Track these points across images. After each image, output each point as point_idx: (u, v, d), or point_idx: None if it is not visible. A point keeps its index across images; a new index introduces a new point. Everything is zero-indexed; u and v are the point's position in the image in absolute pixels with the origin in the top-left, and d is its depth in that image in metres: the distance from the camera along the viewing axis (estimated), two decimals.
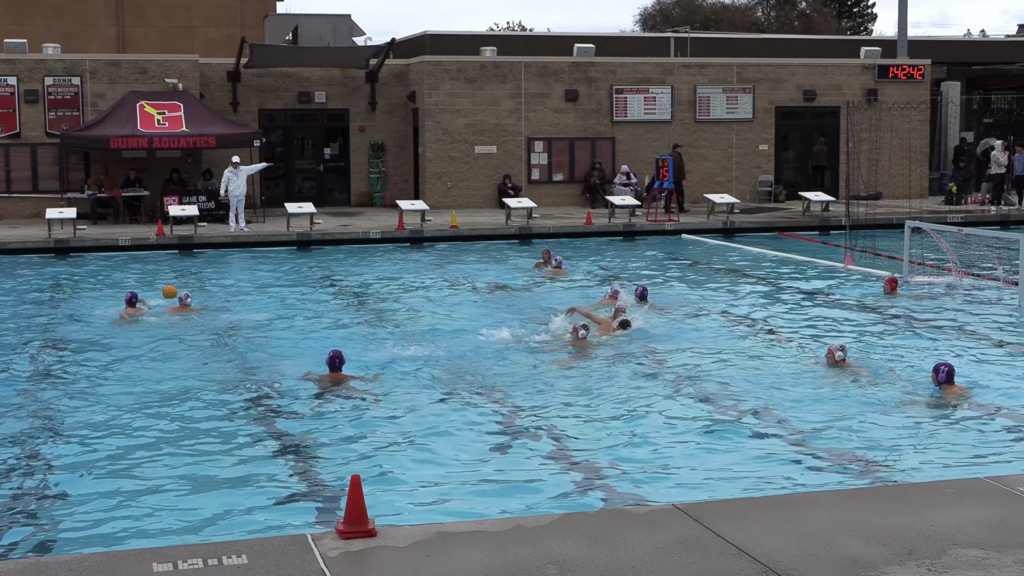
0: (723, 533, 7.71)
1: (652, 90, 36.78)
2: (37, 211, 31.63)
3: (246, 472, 10.96)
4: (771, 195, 37.45)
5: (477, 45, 38.51)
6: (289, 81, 35.91)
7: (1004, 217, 32.74)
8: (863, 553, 7.36)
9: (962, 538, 7.60)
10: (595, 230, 30.97)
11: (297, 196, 35.00)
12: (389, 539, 7.69)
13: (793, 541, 7.58)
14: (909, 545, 7.49)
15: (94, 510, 9.97)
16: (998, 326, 17.80)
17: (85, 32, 46.30)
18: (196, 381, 14.61)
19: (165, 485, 10.56)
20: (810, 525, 7.89)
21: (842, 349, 14.89)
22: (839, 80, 38.22)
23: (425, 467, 11.01)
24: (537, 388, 14.04)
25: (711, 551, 7.43)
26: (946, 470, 10.61)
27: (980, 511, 8.13)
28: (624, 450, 11.50)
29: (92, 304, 20.55)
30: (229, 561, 7.26)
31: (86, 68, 33.54)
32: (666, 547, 7.49)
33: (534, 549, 7.46)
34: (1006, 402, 13.20)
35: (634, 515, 8.38)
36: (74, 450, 11.75)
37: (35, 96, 33.01)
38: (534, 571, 7.11)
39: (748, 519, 8.03)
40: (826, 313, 19.32)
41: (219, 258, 27.38)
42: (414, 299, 21.21)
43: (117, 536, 9.33)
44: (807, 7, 71.71)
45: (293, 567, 7.20)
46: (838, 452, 11.37)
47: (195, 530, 9.42)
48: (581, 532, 7.81)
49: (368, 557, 7.38)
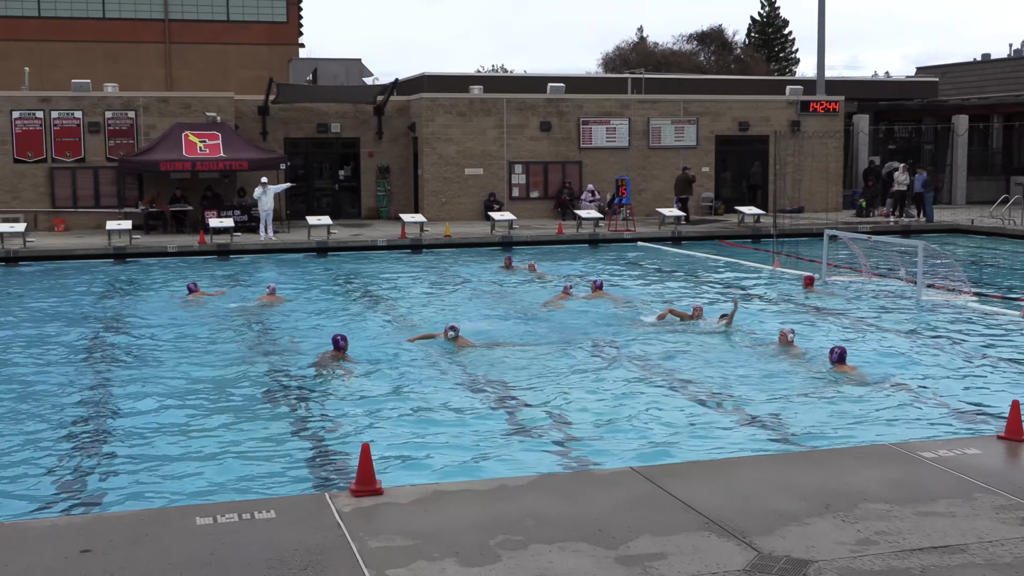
0: (672, 491, 7.71)
1: (613, 122, 36.76)
2: (98, 223, 31.51)
3: (274, 440, 10.92)
4: (712, 209, 37.47)
5: (466, 84, 38.47)
6: (309, 114, 35.80)
7: (905, 227, 32.83)
8: (788, 507, 7.37)
9: (870, 494, 7.62)
10: (565, 238, 30.95)
11: (316, 210, 34.88)
12: (394, 497, 7.67)
13: (730, 497, 7.58)
14: (826, 500, 7.50)
15: (146, 472, 9.93)
16: (900, 318, 17.85)
17: (138, 73, 46.06)
18: (234, 363, 14.56)
19: (205, 451, 10.52)
20: (744, 484, 7.89)
21: (792, 332, 14.98)
22: (768, 113, 38.27)
23: (425, 436, 10.99)
24: (518, 368, 14.03)
25: (663, 506, 7.43)
26: (856, 436, 10.63)
27: (886, 471, 8.15)
28: (590, 420, 11.50)
29: (154, 295, 20.56)
30: (260, 516, 7.24)
31: (140, 104, 33.38)
32: (625, 503, 7.49)
33: (515, 505, 7.45)
34: (903, 378, 13.22)
35: (598, 476, 8.38)
36: (127, 420, 11.69)
37: (97, 127, 32.85)
38: (515, 523, 7.10)
39: (694, 479, 8.03)
40: (757, 305, 19.36)
41: (252, 262, 27.28)
42: (414, 294, 21.19)
43: (165, 494, 9.29)
44: (741, 52, 71.76)
45: (314, 520, 7.18)
46: (767, 421, 11.38)
47: (231, 489, 9.39)
48: (554, 490, 7.80)
49: (376, 512, 7.37)
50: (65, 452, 10.64)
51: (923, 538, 6.81)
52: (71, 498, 9.28)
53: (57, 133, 32.65)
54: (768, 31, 78.68)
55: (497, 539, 6.81)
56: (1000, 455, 8.59)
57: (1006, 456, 8.58)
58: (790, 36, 79.35)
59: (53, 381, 13.71)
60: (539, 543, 6.75)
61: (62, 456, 10.50)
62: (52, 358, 15.26)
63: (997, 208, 34.49)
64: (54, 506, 9.06)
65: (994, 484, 7.80)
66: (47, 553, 6.64)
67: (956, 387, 12.93)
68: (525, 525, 7.06)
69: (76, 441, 11.05)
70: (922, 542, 6.75)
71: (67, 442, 11.00)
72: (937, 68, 52.43)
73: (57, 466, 10.17)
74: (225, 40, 48.07)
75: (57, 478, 9.83)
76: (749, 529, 6.96)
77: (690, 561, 6.46)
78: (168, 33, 47.39)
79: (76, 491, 9.48)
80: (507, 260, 25.09)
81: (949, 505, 7.39)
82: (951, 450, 8.66)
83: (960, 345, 15.46)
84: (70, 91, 33.59)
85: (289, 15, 49.28)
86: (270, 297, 19.80)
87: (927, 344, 15.55)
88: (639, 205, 35.50)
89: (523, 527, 7.02)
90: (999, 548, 6.65)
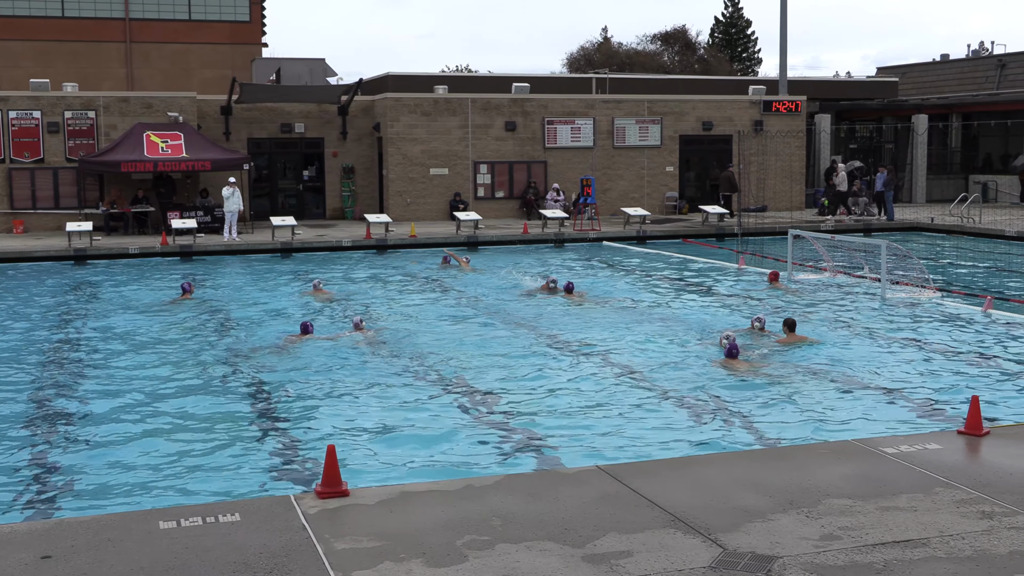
0: (638, 489, 7.73)
1: (577, 121, 36.83)
2: (58, 225, 31.20)
3: (238, 442, 10.85)
4: (676, 208, 37.62)
5: (431, 84, 38.40)
6: (273, 114, 35.60)
7: (867, 225, 33.11)
8: (753, 503, 7.41)
9: (834, 490, 7.68)
10: (531, 238, 30.95)
11: (280, 211, 34.66)
12: (360, 498, 7.64)
13: (696, 494, 7.62)
14: (791, 496, 7.55)
15: (107, 476, 9.83)
16: (864, 314, 17.99)
17: (99, 73, 45.64)
18: (197, 364, 14.45)
19: (168, 454, 10.43)
20: (710, 481, 7.93)
21: (759, 320, 15.13)
22: (731, 113, 38.48)
23: (392, 437, 10.96)
24: (486, 368, 14.02)
25: (628, 504, 7.45)
26: (820, 433, 10.70)
27: (849, 467, 8.21)
28: (557, 420, 11.51)
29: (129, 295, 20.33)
30: (224, 519, 7.19)
31: (100, 104, 33.04)
32: (591, 501, 7.50)
33: (482, 505, 7.45)
34: (866, 374, 13.34)
35: (564, 475, 8.39)
36: (89, 423, 11.57)
37: (56, 127, 32.49)
38: (482, 523, 7.10)
39: (659, 477, 8.06)
40: (723, 301, 19.46)
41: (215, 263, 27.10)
42: (378, 294, 21.11)
43: (128, 499, 9.20)
44: (705, 53, 72.09)
45: (279, 522, 7.14)
46: (733, 419, 11.43)
47: (194, 492, 9.31)
48: (520, 490, 7.80)
49: (342, 513, 7.34)
50: (24, 457, 10.52)
51: (885, 532, 6.87)
52: (31, 504, 9.17)
53: (15, 133, 32.24)
54: (731, 31, 79.14)
55: (464, 539, 6.80)
56: (960, 450, 8.69)
57: (966, 451, 8.68)
58: (753, 36, 79.87)
59: (10, 385, 13.55)
60: (506, 543, 6.75)
61: (21, 462, 10.37)
62: (8, 361, 15.07)
63: (956, 206, 34.88)
64: (13, 512, 8.94)
65: (954, 479, 7.89)
66: (7, 560, 6.56)
67: (918, 383, 13.06)
68: (492, 525, 7.06)
69: (36, 446, 10.92)
70: (884, 536, 6.81)
71: (26, 447, 10.86)
72: (897, 68, 52.94)
73: (16, 472, 10.05)
74: (187, 39, 47.70)
75: (16, 484, 9.71)
76: (714, 526, 6.99)
77: (656, 559, 6.48)
78: (129, 32, 46.97)
79: (36, 497, 9.37)
80: (444, 259, 25.87)
81: (911, 500, 7.46)
82: (912, 445, 8.75)
83: (922, 341, 15.62)
84: (28, 91, 33.20)
85: (252, 14, 48.99)
86: (316, 292, 20.57)
87: (890, 340, 15.68)
88: (604, 204, 35.60)
89: (490, 527, 7.02)
90: (959, 541, 6.72)
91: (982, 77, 48.45)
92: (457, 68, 78.93)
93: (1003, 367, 13.89)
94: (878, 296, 19.69)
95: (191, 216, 30.68)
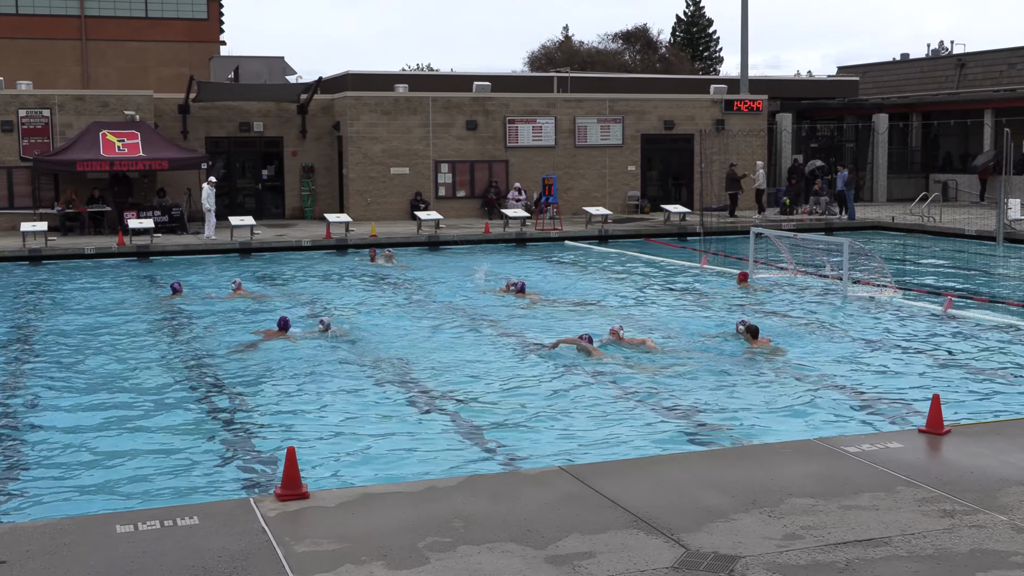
0: (601, 489, 7.74)
1: (539, 120, 36.86)
2: (12, 225, 30.78)
3: (197, 444, 10.76)
4: (638, 207, 37.75)
5: (392, 83, 38.34)
6: (231, 113, 35.36)
7: (828, 224, 33.38)
8: (715, 503, 7.44)
9: (796, 489, 7.73)
10: (492, 237, 30.94)
11: (239, 211, 34.41)
12: (320, 500, 7.60)
13: (658, 494, 7.64)
14: (753, 496, 7.58)
15: (63, 479, 9.71)
16: (826, 313, 18.12)
17: (54, 71, 45.16)
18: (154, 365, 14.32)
19: (125, 457, 10.32)
20: (672, 481, 7.96)
21: (743, 323, 15.20)
22: (693, 112, 38.67)
23: (351, 437, 10.90)
24: (446, 368, 13.99)
25: (591, 504, 7.46)
26: (782, 432, 10.75)
27: (811, 466, 8.26)
28: (519, 420, 11.50)
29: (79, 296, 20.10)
30: (183, 522, 7.12)
31: (55, 102, 32.67)
32: (554, 502, 7.51)
33: (444, 506, 7.43)
34: (828, 373, 13.44)
35: (527, 476, 8.38)
36: (45, 426, 11.43)
37: (10, 126, 32.09)
38: (444, 525, 7.08)
39: (621, 477, 8.07)
40: (687, 302, 19.54)
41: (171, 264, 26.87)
42: (338, 294, 21.02)
43: (84, 503, 9.09)
44: (667, 52, 72.41)
45: (238, 526, 7.08)
46: (696, 418, 11.47)
47: (152, 495, 9.22)
48: (483, 491, 7.79)
49: (302, 516, 7.29)
50: None
51: (847, 532, 6.92)
52: None
53: None
54: (693, 30, 79.55)
55: (425, 541, 6.78)
56: (921, 449, 8.77)
57: (927, 449, 8.76)
58: (714, 35, 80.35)
59: None
60: (468, 544, 6.73)
61: None
62: None
63: (917, 205, 35.27)
64: None
65: (915, 477, 7.96)
66: None
67: (879, 381, 13.17)
68: (454, 526, 7.04)
69: None
70: (847, 536, 6.86)
71: None
72: (858, 68, 53.45)
73: None
74: (144, 37, 47.32)
75: None
76: (677, 526, 7.01)
77: (619, 559, 6.49)
78: (85, 30, 46.50)
79: None
80: (371, 252, 26.80)
81: (872, 499, 7.52)
82: (874, 444, 8.82)
83: (883, 340, 15.76)
84: None
85: (210, 12, 48.65)
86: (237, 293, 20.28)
87: (851, 339, 15.81)
88: (566, 204, 35.66)
89: (452, 528, 7.00)
90: (921, 540, 6.78)
91: (942, 76, 49.02)
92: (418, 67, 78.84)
93: (963, 365, 14.05)
94: (839, 295, 19.85)
95: (148, 216, 30.39)
